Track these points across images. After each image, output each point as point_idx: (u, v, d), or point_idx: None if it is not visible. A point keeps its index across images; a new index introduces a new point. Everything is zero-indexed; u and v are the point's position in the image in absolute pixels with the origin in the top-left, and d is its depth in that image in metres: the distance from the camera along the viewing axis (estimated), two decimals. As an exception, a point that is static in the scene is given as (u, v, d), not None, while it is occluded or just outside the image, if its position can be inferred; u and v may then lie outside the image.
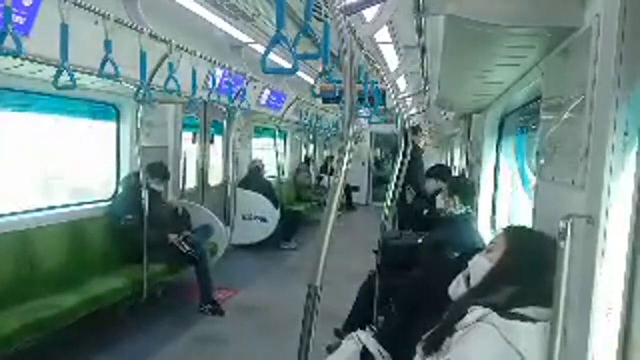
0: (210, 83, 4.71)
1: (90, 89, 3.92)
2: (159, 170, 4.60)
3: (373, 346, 1.94)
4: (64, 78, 2.72)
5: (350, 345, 2.00)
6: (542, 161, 1.74)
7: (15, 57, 2.48)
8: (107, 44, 2.91)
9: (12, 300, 3.07)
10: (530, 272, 1.43)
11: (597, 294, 1.08)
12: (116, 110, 4.60)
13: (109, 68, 2.93)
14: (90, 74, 3.09)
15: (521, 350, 1.28)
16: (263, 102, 6.64)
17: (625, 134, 1.04)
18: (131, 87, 3.62)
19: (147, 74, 3.37)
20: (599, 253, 1.08)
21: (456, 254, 2.47)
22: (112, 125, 4.63)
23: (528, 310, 1.38)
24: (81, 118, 4.51)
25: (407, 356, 1.57)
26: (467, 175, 4.97)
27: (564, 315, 1.14)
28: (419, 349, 1.49)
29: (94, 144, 4.75)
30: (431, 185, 4.53)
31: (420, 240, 3.34)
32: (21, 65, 2.90)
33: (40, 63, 2.82)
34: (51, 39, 2.61)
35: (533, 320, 1.35)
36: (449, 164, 8.37)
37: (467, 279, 1.61)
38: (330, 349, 2.41)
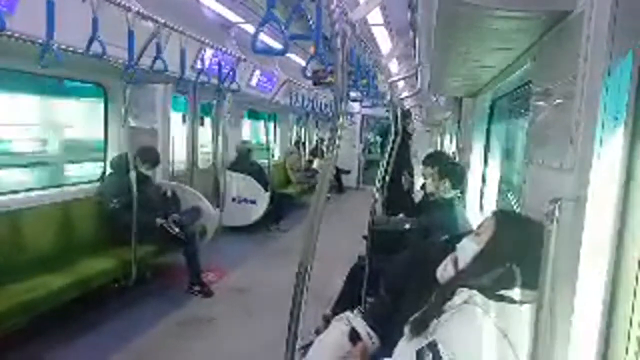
0: (199, 63, 4.65)
1: (77, 68, 3.84)
2: (149, 156, 4.54)
3: (361, 327, 1.96)
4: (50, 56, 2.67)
5: (339, 326, 2.02)
6: (532, 145, 1.75)
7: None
8: (94, 22, 2.85)
9: (-1, 282, 3.05)
10: (517, 255, 1.44)
11: (582, 275, 1.10)
12: (104, 91, 4.53)
13: (96, 47, 2.88)
14: (74, 52, 3.03)
15: (507, 332, 1.30)
16: (253, 83, 6.58)
17: (616, 118, 1.05)
18: (119, 66, 3.56)
19: (135, 54, 3.32)
20: (585, 235, 1.09)
21: (445, 237, 2.48)
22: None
23: (514, 292, 1.39)
24: (69, 98, 4.44)
25: (395, 337, 1.58)
26: (457, 159, 4.99)
27: (549, 297, 1.15)
28: (406, 330, 1.50)
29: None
30: (428, 172, 4.52)
31: (408, 226, 3.35)
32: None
33: (25, 41, 2.76)
34: (37, 16, 2.56)
35: (519, 302, 1.36)
36: (439, 149, 8.39)
37: (455, 262, 1.62)
38: (319, 333, 2.42)
